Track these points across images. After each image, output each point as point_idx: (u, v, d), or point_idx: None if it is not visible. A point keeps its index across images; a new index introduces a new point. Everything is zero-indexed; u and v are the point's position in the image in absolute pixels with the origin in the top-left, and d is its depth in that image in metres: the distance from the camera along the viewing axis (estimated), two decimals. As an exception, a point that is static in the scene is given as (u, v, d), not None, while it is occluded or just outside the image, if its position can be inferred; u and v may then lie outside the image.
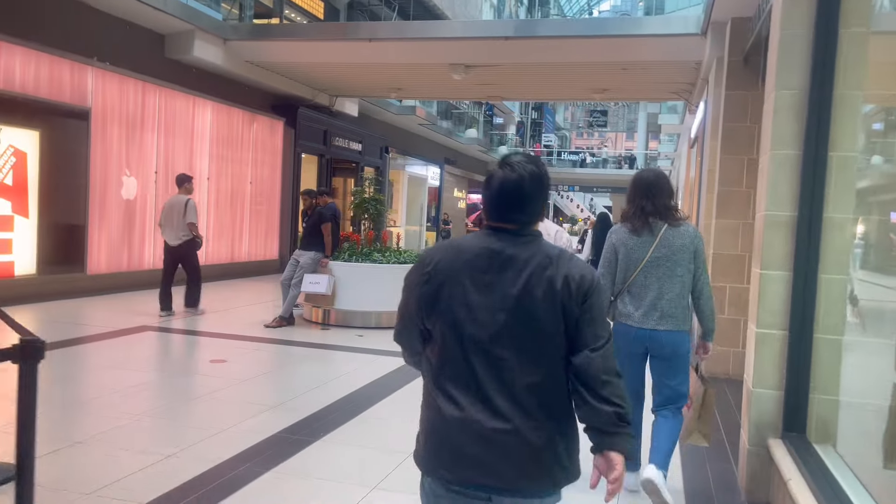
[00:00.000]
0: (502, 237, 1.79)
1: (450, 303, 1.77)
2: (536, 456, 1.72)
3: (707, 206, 7.82)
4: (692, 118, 14.12)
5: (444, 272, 1.79)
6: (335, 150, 16.96)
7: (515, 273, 1.75)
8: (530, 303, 1.73)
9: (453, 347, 1.76)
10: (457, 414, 1.74)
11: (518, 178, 1.79)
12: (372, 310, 8.19)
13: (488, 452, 1.71)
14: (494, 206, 1.82)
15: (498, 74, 12.81)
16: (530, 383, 1.73)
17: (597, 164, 50.05)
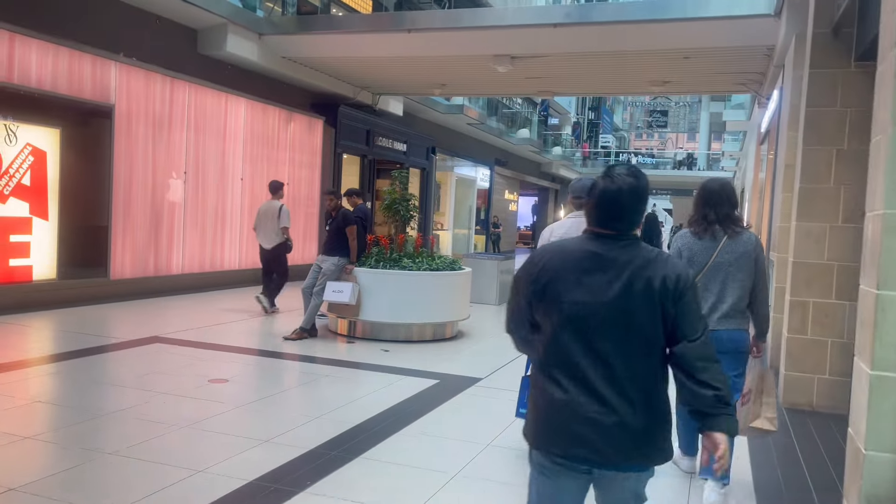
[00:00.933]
0: (603, 242, 2.02)
1: (556, 299, 2.00)
2: (634, 438, 1.94)
3: (783, 208, 6.77)
4: (762, 112, 12.91)
5: (550, 271, 2.03)
6: (378, 151, 16.34)
7: (616, 274, 1.97)
8: (630, 301, 1.96)
9: (560, 339, 2.00)
10: (563, 397, 1.98)
11: (617, 190, 2.01)
12: (401, 321, 7.45)
13: (591, 432, 1.94)
14: (596, 214, 2.05)
15: (547, 66, 11.92)
16: (629, 373, 1.95)
17: (656, 165, 48.35)
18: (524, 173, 30.08)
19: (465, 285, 8.04)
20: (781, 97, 7.79)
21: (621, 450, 1.95)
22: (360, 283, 7.32)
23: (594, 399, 1.95)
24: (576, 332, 1.98)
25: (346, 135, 14.79)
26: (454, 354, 7.10)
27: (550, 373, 2.02)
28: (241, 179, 11.71)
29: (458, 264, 8.11)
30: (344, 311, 7.42)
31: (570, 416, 1.96)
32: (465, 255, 11.62)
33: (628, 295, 1.96)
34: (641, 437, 1.96)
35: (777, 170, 7.56)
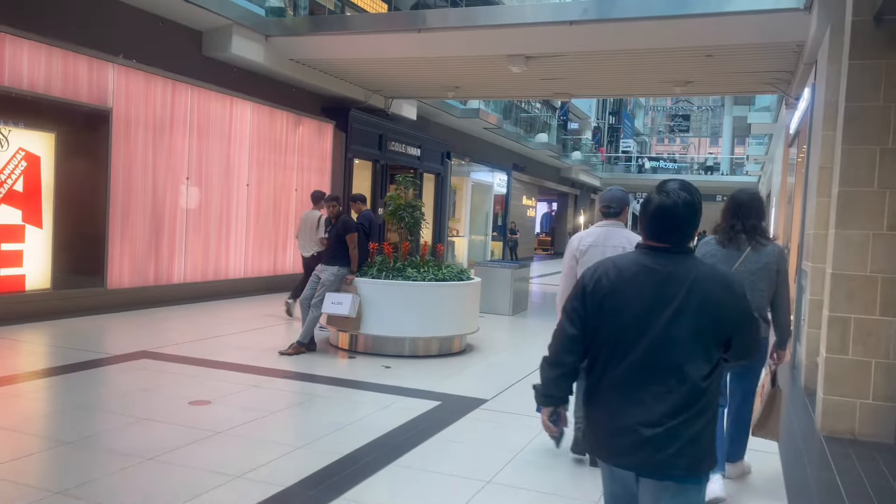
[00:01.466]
0: (659, 255, 2.11)
1: (612, 314, 2.09)
2: (671, 444, 2.00)
3: (818, 214, 6.23)
4: (790, 113, 12.31)
5: (606, 287, 2.12)
6: (391, 156, 15.95)
7: (674, 288, 2.05)
8: (688, 313, 2.03)
9: (614, 352, 2.09)
10: (614, 409, 2.08)
11: (672, 205, 2.10)
12: (406, 335, 7.00)
13: (629, 438, 2.03)
14: (651, 228, 2.14)
15: (563, 67, 11.44)
16: (679, 385, 2.01)
17: (678, 170, 47.51)
18: (543, 178, 29.55)
19: (473, 296, 7.57)
20: (814, 95, 7.25)
21: (670, 459, 2.00)
22: (360, 295, 6.89)
23: (645, 411, 2.02)
24: (630, 348, 2.06)
25: (358, 139, 14.42)
26: (460, 371, 6.63)
27: (604, 385, 2.11)
28: (247, 185, 11.37)
29: (466, 274, 7.65)
30: (344, 324, 6.99)
31: (621, 429, 2.05)
32: (477, 264, 11.15)
33: (687, 309, 2.03)
34: (691, 448, 2.01)
35: (810, 173, 7.01)
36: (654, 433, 2.00)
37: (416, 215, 7.47)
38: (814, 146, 6.87)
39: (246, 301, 10.49)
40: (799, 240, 7.73)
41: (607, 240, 4.06)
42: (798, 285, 7.37)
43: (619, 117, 47.80)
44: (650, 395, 2.02)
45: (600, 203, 4.25)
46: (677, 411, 2.00)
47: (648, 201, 2.14)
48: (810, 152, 7.21)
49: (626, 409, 2.05)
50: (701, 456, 2.04)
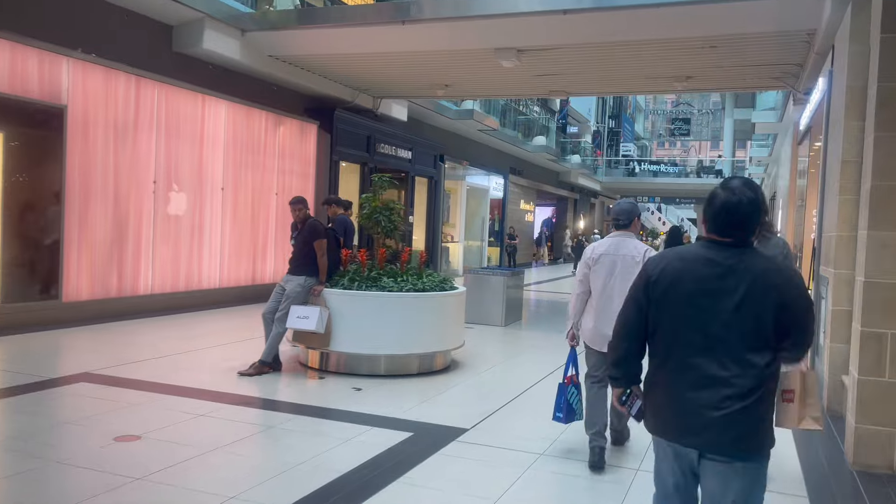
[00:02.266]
0: (721, 249, 2.20)
1: (676, 302, 2.21)
2: (742, 427, 2.11)
3: (841, 213, 5.53)
4: (799, 110, 11.63)
5: (669, 277, 2.24)
6: (380, 158, 15.28)
7: (736, 280, 2.15)
8: (749, 304, 2.13)
9: (677, 338, 2.21)
10: (677, 389, 2.20)
11: (738, 202, 2.19)
12: (381, 353, 6.30)
13: (696, 419, 2.14)
14: (715, 223, 2.22)
15: (557, 61, 10.77)
16: (742, 371, 2.12)
17: (679, 174, 46.92)
18: (541, 182, 28.88)
19: (457, 307, 6.88)
20: (831, 83, 6.56)
21: (731, 438, 2.11)
22: (330, 308, 6.19)
23: (708, 394, 2.13)
24: (693, 333, 2.18)
25: (344, 141, 13.74)
26: (441, 394, 5.92)
27: (668, 370, 2.22)
28: (222, 189, 10.69)
29: (449, 282, 6.96)
30: (312, 340, 6.29)
31: (685, 409, 2.17)
32: (469, 271, 10.45)
33: (748, 299, 2.13)
34: (751, 427, 2.12)
35: (829, 169, 6.32)
36: (720, 415, 2.11)
37: (393, 219, 6.78)
38: (833, 139, 6.17)
39: (220, 313, 9.80)
40: (816, 243, 7.02)
41: (618, 249, 4.29)
42: (815, 293, 6.67)
43: (618, 121, 47.28)
44: (715, 379, 2.13)
45: (612, 215, 4.52)
46: (742, 395, 2.10)
47: (714, 197, 2.23)
48: (828, 146, 6.52)
49: (692, 392, 2.16)
50: (764, 436, 2.16)
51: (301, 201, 6.44)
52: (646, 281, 2.28)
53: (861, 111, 5.42)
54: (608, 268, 4.25)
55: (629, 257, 4.21)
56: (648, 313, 2.27)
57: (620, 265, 4.22)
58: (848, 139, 5.49)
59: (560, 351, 8.36)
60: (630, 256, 4.22)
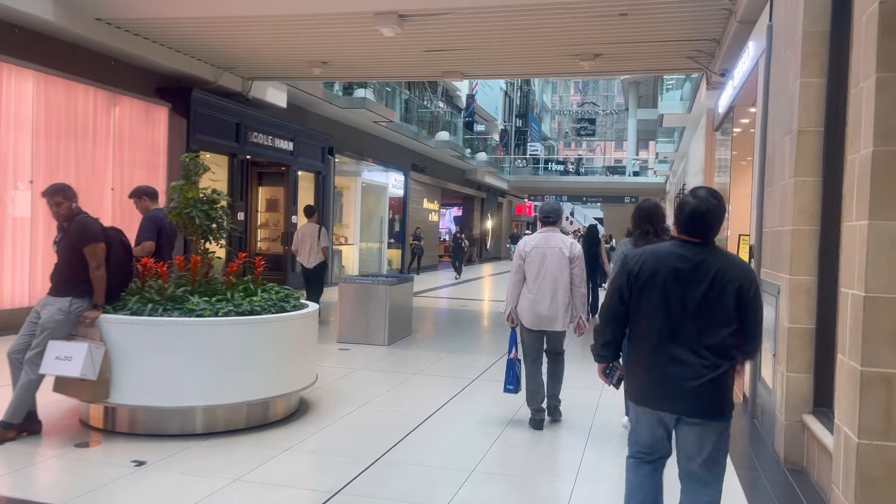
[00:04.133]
0: (691, 247, 2.68)
1: (655, 291, 2.67)
2: (713, 394, 2.62)
3: (797, 199, 4.20)
4: (712, 95, 10.60)
5: (648, 270, 2.69)
6: (254, 149, 13.30)
7: (704, 273, 2.62)
8: (716, 293, 2.60)
9: (656, 322, 2.66)
10: (658, 365, 2.66)
11: (705, 209, 2.66)
12: (190, 404, 4.48)
13: (681, 391, 2.62)
14: (686, 226, 2.69)
15: (446, 32, 9.21)
16: (710, 346, 2.61)
17: (586, 172, 46.96)
18: (446, 180, 27.44)
19: (305, 333, 5.15)
20: (770, 41, 5.27)
21: (704, 402, 2.62)
22: (108, 342, 4.32)
23: (682, 367, 2.62)
24: (670, 317, 2.64)
25: (205, 128, 11.70)
26: (271, 460, 4.17)
27: (647, 348, 2.70)
28: (31, 182, 8.47)
29: (294, 299, 5.22)
30: (81, 390, 4.38)
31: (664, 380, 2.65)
32: (344, 279, 8.71)
33: (714, 289, 2.60)
34: (718, 393, 2.63)
35: (773, 147, 5.01)
36: (697, 384, 2.60)
37: (213, 215, 4.96)
38: (778, 108, 4.87)
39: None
40: (753, 240, 5.74)
41: (547, 242, 4.98)
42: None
43: (525, 120, 46.91)
44: (690, 355, 2.62)
45: (540, 214, 5.17)
46: (712, 368, 2.61)
47: (685, 204, 2.70)
48: (769, 120, 5.23)
49: (671, 367, 2.64)
50: (729, 401, 2.69)
51: (59, 191, 4.52)
52: (628, 275, 2.74)
53: (821, 65, 4.11)
54: (539, 258, 4.93)
55: (557, 249, 4.95)
56: (630, 302, 2.75)
57: (550, 256, 4.92)
58: (805, 103, 4.16)
59: (455, 373, 6.78)
60: (558, 248, 4.95)
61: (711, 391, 2.60)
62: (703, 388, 2.59)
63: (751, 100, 7.45)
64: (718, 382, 2.61)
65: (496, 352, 8.25)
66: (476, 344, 9.03)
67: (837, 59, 4.02)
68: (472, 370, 7.06)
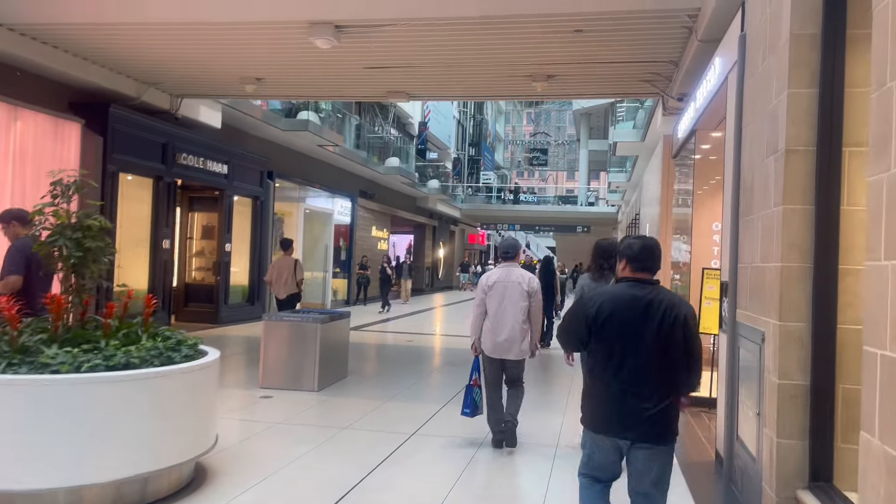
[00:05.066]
0: (641, 287, 3.01)
1: (613, 328, 2.96)
2: (659, 421, 2.92)
3: (786, 231, 3.54)
4: (670, 121, 10.13)
5: (606, 310, 2.97)
6: (183, 172, 12.30)
7: (655, 309, 2.94)
8: (667, 328, 2.92)
9: (613, 355, 2.96)
10: (613, 395, 2.96)
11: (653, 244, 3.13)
12: (50, 486, 3.52)
13: (635, 420, 2.91)
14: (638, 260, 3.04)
15: (388, 47, 8.51)
16: (661, 378, 2.92)
17: (538, 201, 46.94)
18: (396, 208, 26.67)
19: (201, 388, 4.23)
20: (743, 53, 4.68)
21: (653, 429, 2.92)
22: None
23: (636, 397, 2.92)
24: (625, 351, 2.94)
25: (126, 147, 10.69)
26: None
27: (605, 379, 2.99)
28: None
29: (189, 346, 4.31)
30: None
31: (618, 409, 2.94)
32: (268, 316, 7.76)
33: (664, 324, 2.92)
34: (665, 420, 2.94)
35: (749, 172, 4.38)
36: (651, 413, 2.90)
37: (87, 244, 4.04)
38: (757, 127, 4.24)
39: None
40: (726, 276, 5.08)
41: (508, 276, 5.39)
42: (732, 351, 4.68)
43: (479, 149, 46.82)
44: (644, 386, 2.92)
45: (501, 250, 5.70)
46: (664, 397, 2.93)
47: (632, 244, 3.08)
48: (744, 142, 4.61)
49: (628, 397, 2.92)
50: (675, 428, 3.02)
51: None
52: (585, 316, 3.02)
53: (812, 72, 3.48)
54: (501, 292, 5.30)
55: (516, 283, 5.32)
56: (588, 341, 3.04)
57: (510, 289, 5.29)
58: (794, 118, 3.52)
59: (391, 427, 5.97)
60: (517, 283, 5.32)
61: (662, 420, 2.92)
62: (654, 416, 2.90)
63: (715, 122, 6.91)
64: (667, 411, 2.94)
65: (441, 397, 7.42)
66: (420, 387, 8.18)
67: (832, 65, 3.40)
68: (410, 423, 6.20)
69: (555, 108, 74.83)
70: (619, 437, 2.94)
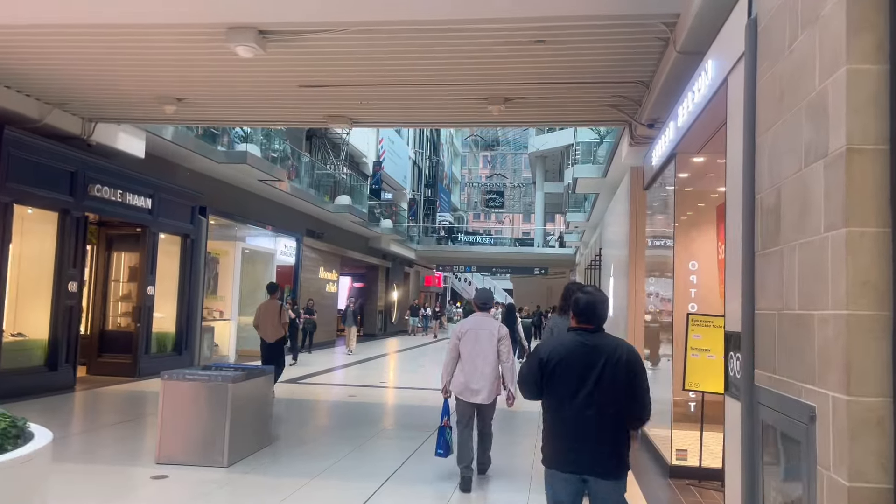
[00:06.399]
0: (588, 335, 3.32)
1: (562, 375, 3.27)
2: (611, 457, 3.20)
3: (851, 265, 2.42)
4: (637, 153, 9.26)
5: (556, 358, 3.29)
6: (96, 205, 10.90)
7: (599, 356, 3.23)
8: (611, 372, 3.21)
9: (564, 399, 3.24)
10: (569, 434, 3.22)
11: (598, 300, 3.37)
12: None
13: (586, 456, 3.18)
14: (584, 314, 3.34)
15: (325, 61, 7.43)
16: (610, 415, 3.19)
17: (494, 243, 46.30)
18: (346, 248, 25.38)
19: (25, 487, 2.91)
20: (755, 35, 3.70)
21: (604, 465, 3.19)
22: None
23: (586, 435, 3.19)
24: (575, 394, 3.21)
25: (24, 176, 9.30)
26: None
27: (558, 419, 3.28)
28: None
29: (18, 427, 2.98)
30: None
31: (572, 446, 3.22)
32: (168, 374, 6.35)
33: (610, 368, 3.22)
34: (615, 457, 3.21)
35: (776, 187, 3.35)
36: (601, 450, 3.18)
37: None
38: (784, 129, 3.23)
39: None
40: (734, 326, 3.99)
41: (481, 326, 5.90)
42: (751, 424, 3.57)
43: (434, 190, 46.18)
44: (593, 426, 3.18)
45: (478, 301, 6.14)
46: (613, 436, 3.20)
47: (579, 299, 3.36)
48: (759, 153, 3.60)
49: (579, 436, 3.20)
50: (627, 462, 3.28)
51: None
52: (538, 361, 3.32)
53: (879, 41, 2.48)
54: (473, 339, 5.83)
55: (488, 331, 5.87)
56: (542, 384, 3.32)
57: (482, 337, 5.83)
58: (855, 105, 2.50)
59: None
60: (489, 331, 5.87)
61: (613, 455, 3.21)
62: (607, 453, 3.19)
63: (699, 144, 5.97)
64: (618, 446, 3.23)
65: (382, 469, 6.14)
66: (359, 457, 6.84)
67: (910, 29, 2.39)
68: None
69: (510, 152, 75.28)
70: (575, 473, 3.21)
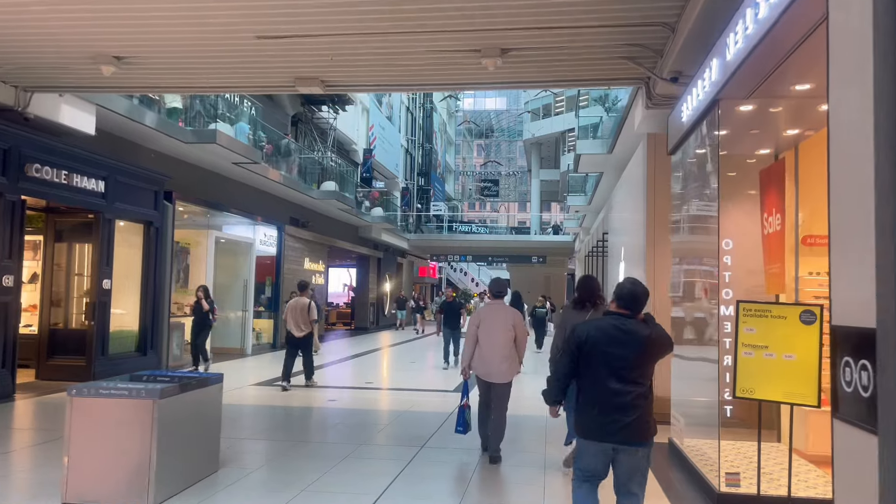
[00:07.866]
0: (624, 320, 3.72)
1: (599, 355, 3.67)
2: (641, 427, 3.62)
3: None
4: (656, 118, 7.96)
5: (592, 339, 3.69)
6: (35, 188, 9.54)
7: (634, 338, 3.65)
8: (643, 352, 3.66)
9: (600, 376, 3.66)
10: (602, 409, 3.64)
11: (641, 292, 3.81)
12: None
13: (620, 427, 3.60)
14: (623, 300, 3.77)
15: (285, 7, 6.08)
16: (640, 391, 3.64)
17: (490, 231, 45.02)
18: (334, 238, 24.04)
19: None
20: None
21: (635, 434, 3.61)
22: None
23: (621, 409, 3.61)
24: (611, 372, 3.64)
25: (-62, 151, 7.93)
26: None
27: (593, 394, 3.69)
28: None
29: None
30: None
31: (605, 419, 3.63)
32: (74, 390, 5.02)
33: (642, 349, 3.66)
34: (645, 426, 3.63)
35: None
36: (630, 419, 3.59)
37: None
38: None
39: None
40: (856, 321, 2.68)
41: (496, 313, 6.43)
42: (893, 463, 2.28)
43: (428, 179, 44.90)
44: (625, 398, 3.61)
45: (494, 289, 6.71)
46: (639, 408, 3.62)
47: (623, 287, 3.81)
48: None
49: (612, 408, 3.62)
50: (653, 431, 3.71)
51: None
52: (577, 342, 3.73)
53: None
54: (490, 324, 6.36)
55: (502, 317, 6.40)
56: (579, 362, 3.74)
57: (498, 321, 6.36)
58: None
59: None
60: (503, 316, 6.40)
61: (640, 425, 3.62)
62: (635, 423, 3.60)
63: (753, 84, 4.66)
64: (645, 418, 3.64)
65: (358, 497, 4.84)
66: (328, 485, 5.54)
67: None
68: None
69: (505, 139, 73.92)
70: (606, 442, 3.64)
